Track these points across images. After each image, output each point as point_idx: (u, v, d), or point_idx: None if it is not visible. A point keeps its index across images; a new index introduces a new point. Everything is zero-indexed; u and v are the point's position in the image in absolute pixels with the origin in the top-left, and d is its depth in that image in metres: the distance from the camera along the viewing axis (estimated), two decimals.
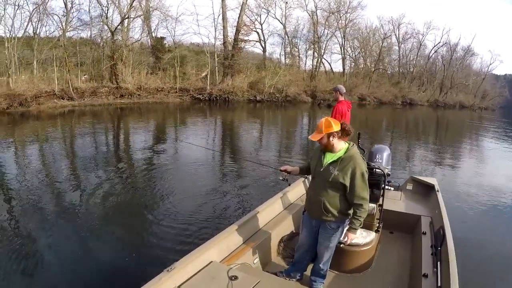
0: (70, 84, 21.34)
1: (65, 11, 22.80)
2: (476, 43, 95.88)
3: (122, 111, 20.87)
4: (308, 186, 3.01)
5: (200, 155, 9.16)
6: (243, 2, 28.70)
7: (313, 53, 32.74)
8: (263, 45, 31.89)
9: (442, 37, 52.32)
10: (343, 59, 35.39)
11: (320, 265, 2.74)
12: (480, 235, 5.04)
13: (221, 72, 27.24)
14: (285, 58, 32.60)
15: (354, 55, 37.04)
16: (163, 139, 13.23)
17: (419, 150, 12.89)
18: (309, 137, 2.60)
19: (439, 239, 2.95)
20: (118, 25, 23.88)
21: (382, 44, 37.48)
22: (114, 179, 7.26)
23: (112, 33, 23.76)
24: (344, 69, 35.81)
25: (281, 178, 3.14)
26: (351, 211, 2.57)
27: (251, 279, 2.37)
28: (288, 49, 32.63)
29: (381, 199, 3.41)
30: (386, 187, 3.62)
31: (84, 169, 8.20)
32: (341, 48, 34.73)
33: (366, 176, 2.48)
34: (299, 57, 33.36)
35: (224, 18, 27.89)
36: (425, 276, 2.59)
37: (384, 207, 3.43)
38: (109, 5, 23.82)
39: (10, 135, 13.35)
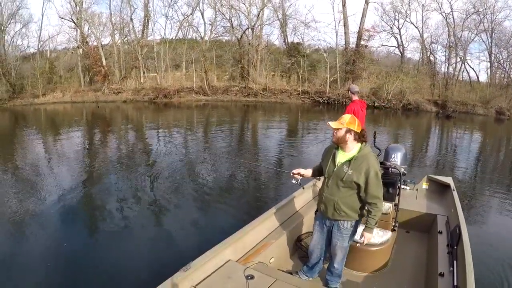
0: (206, 82, 24.12)
1: (207, 21, 26.38)
2: None
3: (247, 107, 22.79)
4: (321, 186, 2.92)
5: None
6: (364, 8, 28.08)
7: (448, 59, 29.39)
8: (401, 50, 30.05)
9: None
10: (490, 67, 30.64)
11: (335, 265, 2.73)
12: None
13: (343, 77, 26.96)
14: (422, 64, 30.12)
15: (497, 62, 31.74)
16: (286, 135, 13.79)
17: None
18: (328, 122, 2.49)
19: (455, 238, 2.92)
20: (242, 35, 26.20)
21: None
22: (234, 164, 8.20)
23: (239, 41, 26.20)
24: (489, 78, 30.94)
25: (293, 181, 2.95)
26: (364, 211, 2.54)
27: (267, 279, 2.36)
28: (425, 55, 30.01)
29: (397, 198, 3.40)
30: (402, 186, 3.60)
31: (210, 150, 9.57)
32: (489, 54, 30.15)
33: (380, 175, 2.43)
34: (435, 63, 30.37)
35: (345, 24, 27.72)
36: (442, 275, 2.56)
37: (400, 206, 3.43)
38: (231, 17, 26.21)
39: (156, 119, 16.32)
